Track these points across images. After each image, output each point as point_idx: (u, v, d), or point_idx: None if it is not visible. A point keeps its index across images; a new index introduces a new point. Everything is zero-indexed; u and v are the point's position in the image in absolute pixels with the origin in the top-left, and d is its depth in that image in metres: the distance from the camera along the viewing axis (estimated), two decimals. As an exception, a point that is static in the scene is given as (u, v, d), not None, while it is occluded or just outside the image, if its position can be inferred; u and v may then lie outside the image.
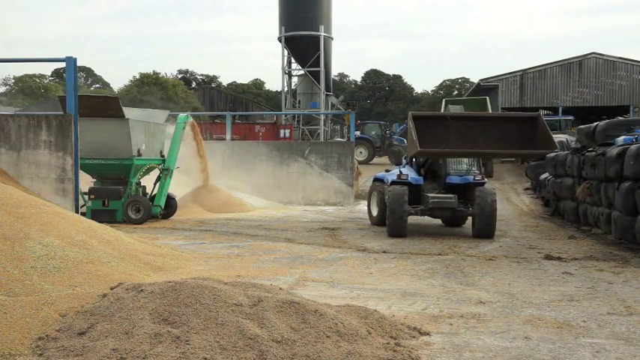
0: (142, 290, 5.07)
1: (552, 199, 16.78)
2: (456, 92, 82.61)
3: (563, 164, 14.77)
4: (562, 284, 7.76)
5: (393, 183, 12.36)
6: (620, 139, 11.33)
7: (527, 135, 12.20)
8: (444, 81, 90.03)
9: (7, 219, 6.89)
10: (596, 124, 12.95)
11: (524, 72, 39.85)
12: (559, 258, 9.74)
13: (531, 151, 12.34)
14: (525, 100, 39.43)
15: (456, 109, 26.10)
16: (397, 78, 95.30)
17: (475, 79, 51.02)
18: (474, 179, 12.38)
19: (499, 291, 7.29)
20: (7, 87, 65.64)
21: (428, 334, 5.32)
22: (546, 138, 11.73)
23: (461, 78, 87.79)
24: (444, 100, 31.08)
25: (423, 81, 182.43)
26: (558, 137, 20.57)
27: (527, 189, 22.68)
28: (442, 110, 27.15)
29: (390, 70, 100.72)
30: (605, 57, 39.53)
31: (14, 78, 63.69)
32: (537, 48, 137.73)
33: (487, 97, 32.34)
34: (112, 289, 5.46)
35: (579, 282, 7.90)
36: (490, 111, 26.77)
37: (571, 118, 33.40)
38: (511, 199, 20.87)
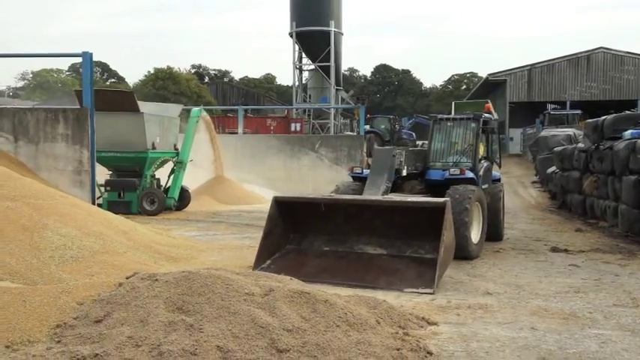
0: (156, 280, 5.12)
1: (559, 193, 16.79)
2: (464, 87, 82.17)
3: (571, 158, 14.77)
4: (568, 276, 7.81)
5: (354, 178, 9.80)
6: (628, 133, 11.31)
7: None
8: (453, 76, 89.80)
9: (26, 210, 7.06)
10: (603, 118, 12.91)
11: (532, 66, 39.66)
12: (566, 250, 9.78)
13: None
14: (533, 95, 39.27)
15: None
16: (406, 73, 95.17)
17: (483, 74, 50.76)
18: (451, 174, 9.48)
19: (506, 282, 7.36)
20: (26, 81, 66.31)
21: (436, 324, 5.39)
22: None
23: (469, 73, 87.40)
24: (453, 103, 31.08)
25: (431, 76, 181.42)
26: (566, 131, 20.57)
27: (534, 182, 22.66)
28: (452, 112, 27.10)
29: (399, 65, 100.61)
30: (613, 52, 39.27)
31: (32, 73, 64.25)
32: (545, 43, 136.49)
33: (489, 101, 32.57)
34: (127, 278, 5.50)
35: (586, 274, 7.95)
36: (495, 114, 26.60)
37: (579, 112, 33.23)
38: (518, 192, 20.86)
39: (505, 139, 38.49)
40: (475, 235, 9.15)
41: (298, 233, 8.21)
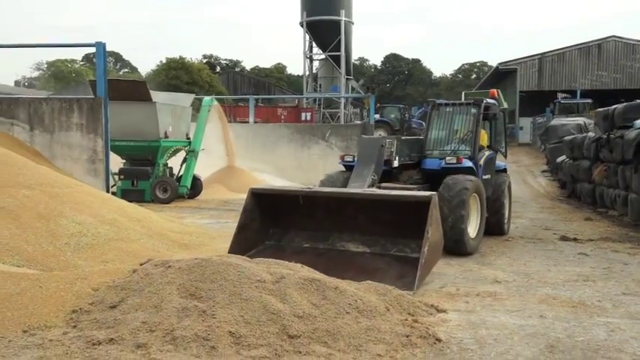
0: (169, 266, 5.17)
1: (569, 182, 16.74)
2: (474, 76, 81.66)
3: (581, 147, 14.72)
4: (577, 265, 7.81)
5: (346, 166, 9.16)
6: (638, 122, 11.25)
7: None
8: (463, 65, 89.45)
9: (43, 198, 7.17)
10: (614, 107, 12.83)
11: (542, 55, 39.35)
12: (575, 239, 9.77)
13: None
14: (544, 84, 38.99)
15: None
16: (416, 62, 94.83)
17: (494, 63, 50.37)
18: (447, 163, 8.88)
19: (515, 271, 7.38)
20: (40, 72, 66.65)
21: (445, 311, 5.41)
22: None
23: (479, 62, 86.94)
24: (463, 93, 30.94)
25: (441, 65, 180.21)
26: (576, 120, 20.46)
27: (544, 171, 22.59)
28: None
29: (409, 54, 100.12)
30: (624, 40, 38.88)
31: (47, 63, 64.53)
32: (556, 31, 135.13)
33: (498, 90, 32.30)
34: (141, 264, 5.55)
35: (595, 262, 7.95)
36: (504, 103, 26.39)
37: (589, 101, 32.96)
38: (528, 181, 20.80)
39: (515, 128, 38.30)
40: (472, 229, 8.55)
41: (279, 228, 7.67)
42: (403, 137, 9.79)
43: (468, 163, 8.95)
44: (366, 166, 8.19)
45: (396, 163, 8.76)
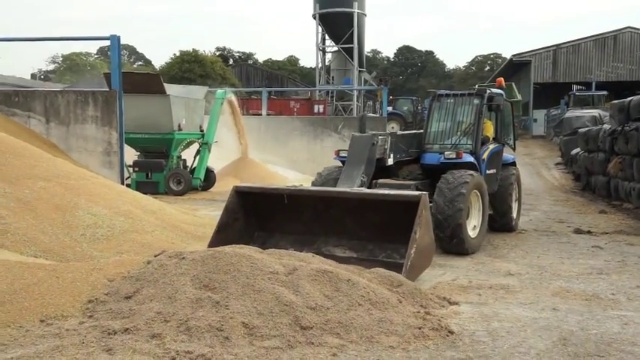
0: (183, 258, 5.22)
1: (584, 174, 16.63)
2: (488, 68, 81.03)
3: (596, 139, 14.61)
4: (591, 257, 7.77)
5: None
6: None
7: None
8: (476, 57, 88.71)
9: (59, 190, 7.25)
10: (630, 98, 12.69)
11: (557, 47, 38.97)
12: (589, 232, 9.71)
13: None
14: (558, 76, 38.63)
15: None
16: (429, 54, 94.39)
17: (507, 55, 49.95)
18: (447, 158, 8.47)
19: (528, 263, 7.36)
20: (56, 65, 67.22)
21: (457, 303, 5.42)
22: None
23: (493, 54, 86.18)
24: (477, 86, 30.81)
25: (455, 57, 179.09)
26: (591, 112, 20.27)
27: (558, 163, 22.45)
28: None
29: (422, 46, 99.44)
30: (640, 31, 38.35)
31: (62, 56, 65.03)
32: (571, 23, 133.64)
33: (512, 83, 32.08)
34: (155, 256, 5.61)
35: (609, 255, 7.90)
36: (518, 95, 26.15)
37: (604, 93, 32.60)
38: (542, 173, 20.68)
39: (529, 121, 38.02)
40: (473, 227, 8.15)
41: (264, 232, 7.30)
42: (399, 132, 9.29)
43: (469, 158, 8.46)
44: (355, 166, 7.73)
45: (390, 162, 8.28)
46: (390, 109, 32.05)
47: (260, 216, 7.28)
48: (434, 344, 4.34)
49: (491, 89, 9.61)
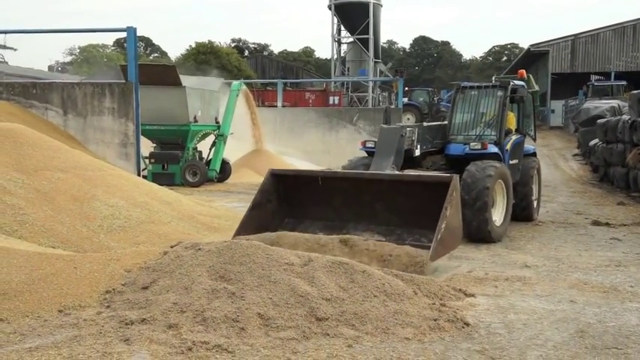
0: (199, 249, 5.24)
1: (602, 165, 16.46)
2: (505, 58, 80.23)
3: (614, 130, 14.43)
4: (609, 250, 7.70)
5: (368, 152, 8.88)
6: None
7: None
8: (493, 47, 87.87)
9: (76, 181, 7.32)
10: (650, 89, 12.57)
11: (575, 37, 38.44)
12: (607, 224, 9.61)
13: None
14: (577, 66, 38.14)
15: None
16: (445, 44, 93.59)
17: (525, 45, 49.37)
18: (472, 149, 8.67)
19: (545, 255, 7.31)
20: (73, 56, 67.81)
21: (473, 295, 5.38)
22: None
23: (510, 44, 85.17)
24: (494, 77, 30.53)
25: (471, 47, 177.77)
26: (610, 103, 20.01)
27: (575, 155, 22.23)
28: None
29: (438, 36, 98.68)
30: (661, 21, 37.71)
31: (79, 48, 65.54)
32: (590, 12, 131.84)
33: (529, 74, 31.78)
34: (172, 247, 5.64)
35: (627, 248, 7.82)
36: (535, 85, 25.80)
37: (624, 83, 32.12)
38: (559, 164, 20.49)
39: (547, 111, 37.64)
40: (498, 216, 8.36)
41: (294, 218, 7.46)
42: (425, 124, 9.57)
43: (494, 149, 8.66)
44: (385, 157, 7.90)
45: (417, 152, 8.51)
46: (405, 100, 31.86)
47: (292, 202, 7.45)
48: (449, 336, 4.33)
49: (514, 81, 9.80)
